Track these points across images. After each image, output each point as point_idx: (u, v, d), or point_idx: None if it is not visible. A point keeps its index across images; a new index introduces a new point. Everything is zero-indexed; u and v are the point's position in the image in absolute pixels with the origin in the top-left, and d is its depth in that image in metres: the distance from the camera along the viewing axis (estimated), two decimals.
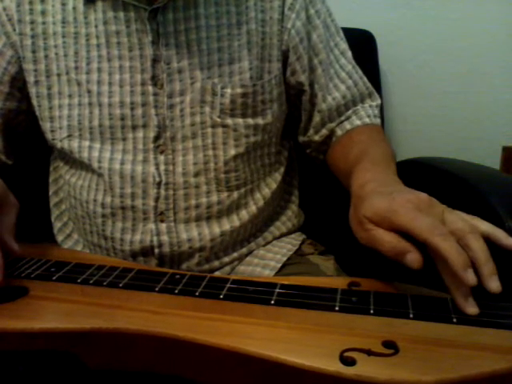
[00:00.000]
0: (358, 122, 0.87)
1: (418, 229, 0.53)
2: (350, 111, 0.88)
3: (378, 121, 0.90)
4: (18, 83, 0.81)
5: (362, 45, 1.19)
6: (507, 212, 0.74)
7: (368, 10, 1.24)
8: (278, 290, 0.59)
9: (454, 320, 0.51)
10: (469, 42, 1.26)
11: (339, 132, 0.88)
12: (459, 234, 0.53)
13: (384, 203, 0.58)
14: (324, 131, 0.89)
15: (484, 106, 1.31)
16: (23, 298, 0.60)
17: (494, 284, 0.51)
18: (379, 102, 0.91)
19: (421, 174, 1.01)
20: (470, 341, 0.48)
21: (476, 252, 0.52)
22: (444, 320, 0.52)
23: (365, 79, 0.90)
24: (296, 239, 0.92)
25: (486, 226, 0.55)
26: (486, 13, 1.23)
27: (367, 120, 0.88)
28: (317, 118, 0.88)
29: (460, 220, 0.55)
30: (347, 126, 0.88)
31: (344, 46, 0.89)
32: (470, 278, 0.50)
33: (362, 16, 1.23)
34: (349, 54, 0.89)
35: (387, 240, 0.56)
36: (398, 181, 0.67)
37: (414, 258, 0.54)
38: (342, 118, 0.88)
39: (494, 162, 1.32)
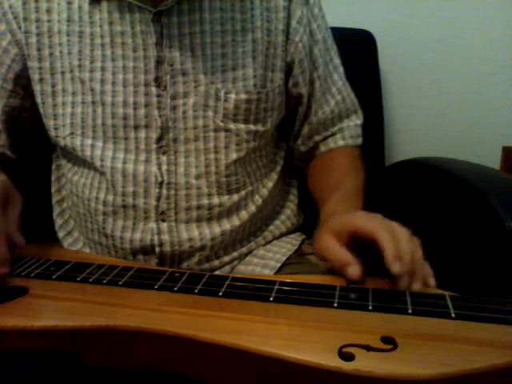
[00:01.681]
0: (341, 143, 0.90)
1: (367, 227, 0.63)
2: (335, 127, 0.91)
3: (360, 140, 0.93)
4: (22, 81, 0.81)
5: (362, 45, 1.19)
6: (507, 212, 0.74)
7: (368, 9, 1.24)
8: (276, 287, 0.59)
9: (453, 315, 0.52)
10: (469, 42, 1.26)
11: (323, 148, 0.91)
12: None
13: (344, 216, 0.70)
14: (310, 144, 0.92)
15: (484, 106, 1.31)
16: (23, 297, 0.60)
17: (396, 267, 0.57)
18: (362, 120, 0.94)
19: (421, 173, 1.01)
20: (468, 336, 0.48)
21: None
22: (442, 315, 0.52)
23: (352, 96, 0.92)
24: (296, 239, 0.92)
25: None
26: (486, 13, 1.23)
27: (350, 141, 0.91)
28: (306, 129, 0.90)
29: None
30: (331, 144, 0.91)
31: (337, 61, 0.90)
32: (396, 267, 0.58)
33: (362, 16, 1.23)
34: (341, 69, 0.91)
35: (333, 251, 0.64)
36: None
37: (353, 270, 0.61)
38: (328, 133, 0.91)
39: (494, 162, 1.32)
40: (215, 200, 0.80)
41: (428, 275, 0.61)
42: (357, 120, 0.93)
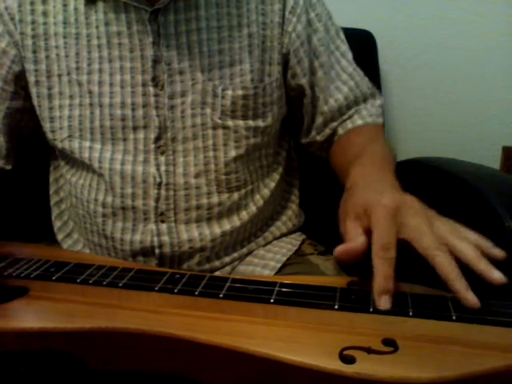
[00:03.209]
0: (360, 122, 0.88)
1: (373, 234, 0.55)
2: (352, 110, 0.89)
3: (381, 120, 0.90)
4: (22, 82, 0.81)
5: (362, 45, 1.19)
6: (507, 212, 0.74)
7: (368, 10, 1.24)
8: (277, 289, 0.59)
9: (454, 318, 0.51)
10: (469, 42, 1.26)
11: (341, 131, 0.89)
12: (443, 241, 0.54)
13: (369, 198, 0.59)
14: (327, 131, 0.90)
15: (484, 105, 1.30)
16: (23, 298, 0.60)
17: (496, 275, 0.52)
18: (382, 101, 0.92)
19: (421, 174, 1.01)
20: (470, 338, 0.48)
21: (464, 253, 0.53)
22: (444, 318, 0.52)
23: (366, 79, 0.90)
24: (296, 239, 0.92)
25: (472, 236, 0.56)
26: (486, 13, 1.23)
27: (369, 120, 0.88)
28: (319, 120, 0.89)
29: (446, 226, 0.56)
30: (349, 125, 0.88)
31: (344, 47, 0.89)
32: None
33: (362, 16, 1.23)
34: (350, 55, 0.89)
35: (348, 231, 0.58)
36: (392, 181, 0.67)
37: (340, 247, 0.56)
38: (345, 117, 0.89)
39: (494, 161, 1.32)
40: (215, 199, 0.79)
41: (488, 248, 0.55)
42: (374, 102, 0.90)
